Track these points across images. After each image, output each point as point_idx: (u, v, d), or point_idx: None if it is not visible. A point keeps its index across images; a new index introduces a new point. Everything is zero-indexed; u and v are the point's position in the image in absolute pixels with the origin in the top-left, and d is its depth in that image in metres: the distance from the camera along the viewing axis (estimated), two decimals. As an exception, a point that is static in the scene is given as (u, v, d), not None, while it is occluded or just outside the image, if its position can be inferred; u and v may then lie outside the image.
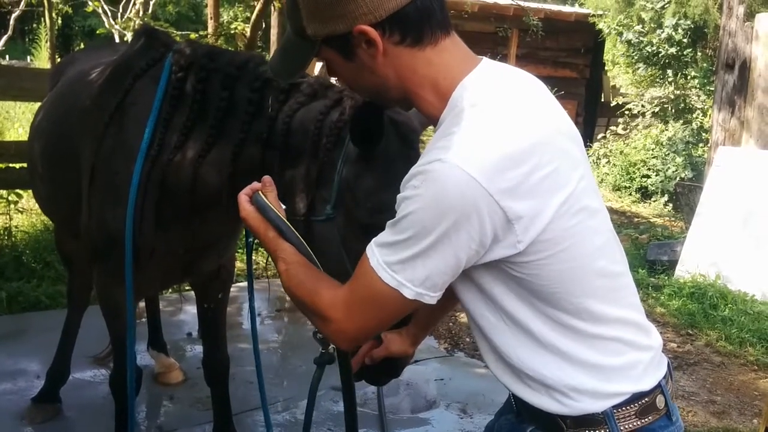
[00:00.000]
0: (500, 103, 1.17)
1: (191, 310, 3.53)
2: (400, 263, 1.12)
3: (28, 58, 14.01)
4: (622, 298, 1.27)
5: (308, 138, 1.77)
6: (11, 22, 12.87)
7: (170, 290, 4.57)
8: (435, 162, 1.09)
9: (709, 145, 7.85)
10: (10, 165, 4.64)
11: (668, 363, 1.33)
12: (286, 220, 1.39)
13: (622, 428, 1.21)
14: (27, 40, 16.92)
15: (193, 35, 6.94)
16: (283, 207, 1.45)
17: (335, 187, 1.64)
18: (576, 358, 1.21)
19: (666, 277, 6.08)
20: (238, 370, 3.22)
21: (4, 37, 13.12)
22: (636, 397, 1.23)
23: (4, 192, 5.07)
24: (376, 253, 1.15)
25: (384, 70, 1.21)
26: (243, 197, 1.41)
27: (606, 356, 1.22)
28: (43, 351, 3.39)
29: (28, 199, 5.36)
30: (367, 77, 1.24)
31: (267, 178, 1.44)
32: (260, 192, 1.41)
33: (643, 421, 1.23)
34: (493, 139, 1.10)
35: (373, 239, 1.18)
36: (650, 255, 6.59)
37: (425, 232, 1.09)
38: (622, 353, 1.24)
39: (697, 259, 5.98)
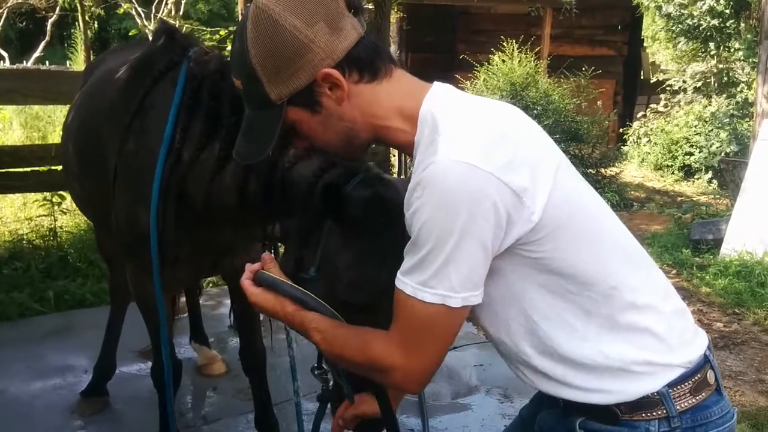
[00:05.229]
0: (468, 103, 1.25)
1: (231, 302, 3.59)
2: (434, 277, 1.12)
3: (67, 62, 14.29)
4: (637, 258, 1.29)
5: (300, 196, 1.72)
6: (48, 27, 13.21)
7: (210, 285, 4.66)
8: (429, 167, 1.12)
9: (754, 118, 7.60)
10: (53, 167, 4.75)
11: (707, 335, 1.33)
12: (301, 288, 1.32)
13: (678, 408, 1.21)
14: (65, 45, 17.28)
15: (222, 31, 7.01)
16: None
17: (318, 253, 1.58)
18: (618, 336, 1.21)
19: (711, 257, 5.92)
20: (279, 360, 3.24)
21: (42, 43, 13.46)
22: (688, 374, 1.23)
23: (48, 194, 5.21)
24: (408, 281, 1.15)
25: (351, 113, 1.24)
26: (246, 282, 1.37)
27: (644, 328, 1.22)
28: (90, 347, 3.48)
29: (71, 201, 5.47)
30: (336, 126, 1.25)
31: (266, 255, 1.40)
32: (262, 270, 1.35)
33: (697, 398, 1.23)
34: (475, 128, 1.16)
35: (399, 271, 1.17)
36: (694, 234, 6.42)
37: (445, 235, 1.09)
38: (657, 322, 1.24)
39: (743, 237, 5.80)
